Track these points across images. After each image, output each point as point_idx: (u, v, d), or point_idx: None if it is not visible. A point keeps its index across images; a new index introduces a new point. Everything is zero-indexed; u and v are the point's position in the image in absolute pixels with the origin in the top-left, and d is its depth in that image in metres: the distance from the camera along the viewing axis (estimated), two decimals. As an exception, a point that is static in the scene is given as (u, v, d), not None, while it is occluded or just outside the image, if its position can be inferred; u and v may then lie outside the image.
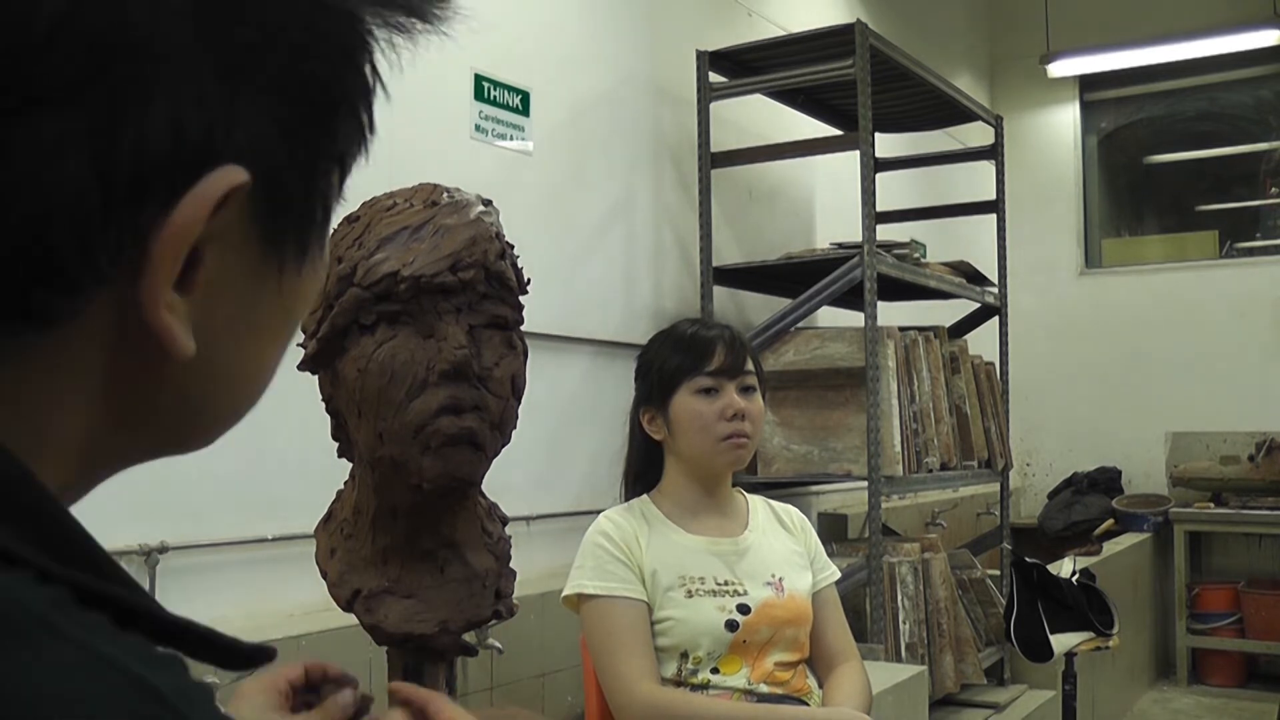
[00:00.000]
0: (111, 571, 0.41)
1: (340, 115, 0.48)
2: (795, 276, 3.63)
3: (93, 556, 0.41)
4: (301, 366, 1.04)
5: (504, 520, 1.13)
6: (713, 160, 3.56)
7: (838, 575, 2.11)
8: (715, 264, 3.55)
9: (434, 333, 1.01)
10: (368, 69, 0.49)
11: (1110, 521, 5.82)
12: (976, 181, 4.83)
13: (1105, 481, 6.16)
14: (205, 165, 0.42)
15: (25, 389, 0.42)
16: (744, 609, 1.91)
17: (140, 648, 0.39)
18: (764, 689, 1.90)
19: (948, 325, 3.99)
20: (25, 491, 0.40)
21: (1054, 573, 3.46)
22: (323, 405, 1.12)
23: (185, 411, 0.49)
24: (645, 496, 2.03)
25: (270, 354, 0.52)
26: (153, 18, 0.40)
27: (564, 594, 1.95)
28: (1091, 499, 6.04)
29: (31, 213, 0.39)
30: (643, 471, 2.07)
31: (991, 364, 4.11)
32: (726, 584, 1.93)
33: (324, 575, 1.15)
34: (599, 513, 2.02)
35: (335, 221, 1.01)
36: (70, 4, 0.38)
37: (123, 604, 0.40)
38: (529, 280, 1.05)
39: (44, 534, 0.40)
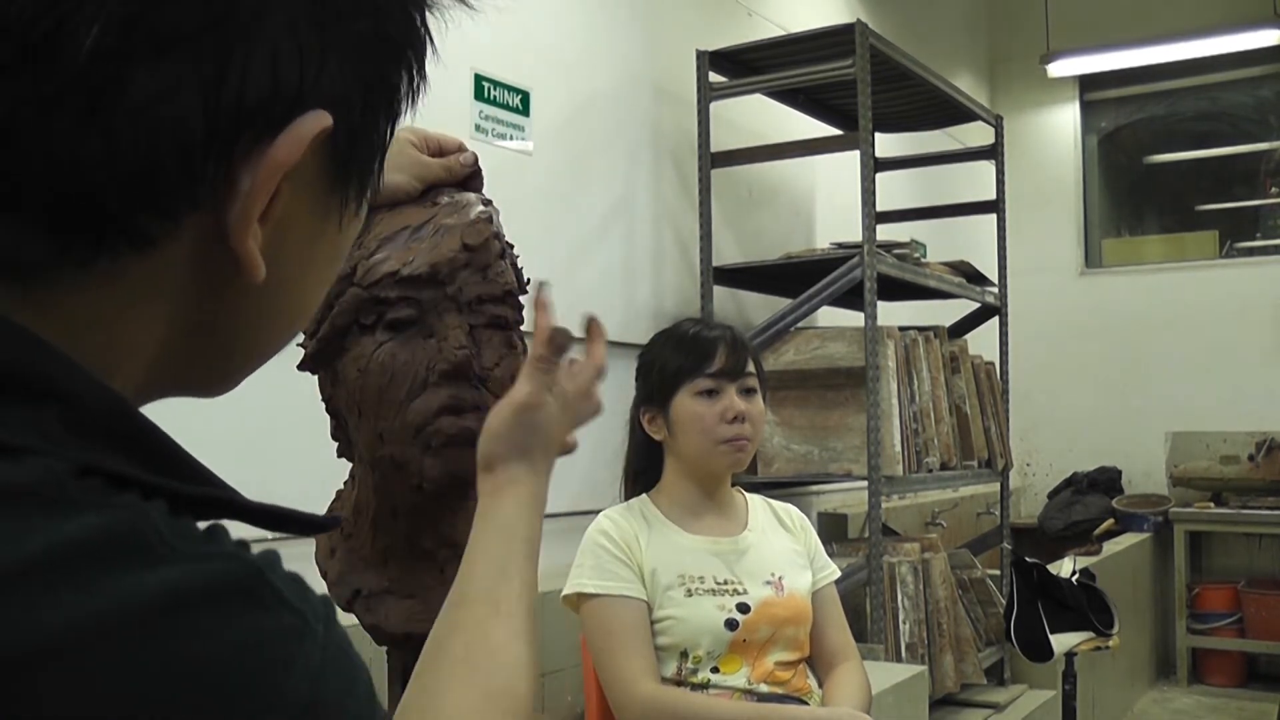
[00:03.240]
0: (194, 473, 0.47)
1: (403, 72, 0.53)
2: (795, 276, 3.63)
3: (179, 464, 0.46)
4: (301, 366, 1.04)
5: (504, 520, 1.13)
6: (713, 160, 3.56)
7: (837, 574, 2.11)
8: (715, 264, 3.55)
9: (434, 333, 1.01)
10: (426, 37, 0.55)
11: (1110, 521, 5.82)
12: (976, 181, 4.83)
13: (1105, 481, 6.15)
14: (296, 108, 0.47)
15: (117, 308, 0.47)
16: (744, 608, 1.91)
17: (222, 537, 0.45)
18: (764, 689, 1.90)
19: (948, 325, 3.99)
20: (124, 417, 0.45)
21: (1054, 573, 3.46)
22: (323, 405, 1.12)
23: (236, 339, 0.53)
24: (645, 496, 2.04)
25: (317, 291, 0.56)
26: None
27: (564, 593, 1.95)
28: (1091, 499, 6.03)
29: (146, 143, 0.44)
30: (642, 471, 2.07)
31: (991, 364, 4.11)
32: (726, 583, 1.93)
33: (324, 575, 1.15)
34: (599, 512, 2.02)
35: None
36: None
37: (212, 501, 0.46)
38: (529, 280, 1.05)
39: (143, 454, 0.45)
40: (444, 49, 0.56)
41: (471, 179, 1.09)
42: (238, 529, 0.47)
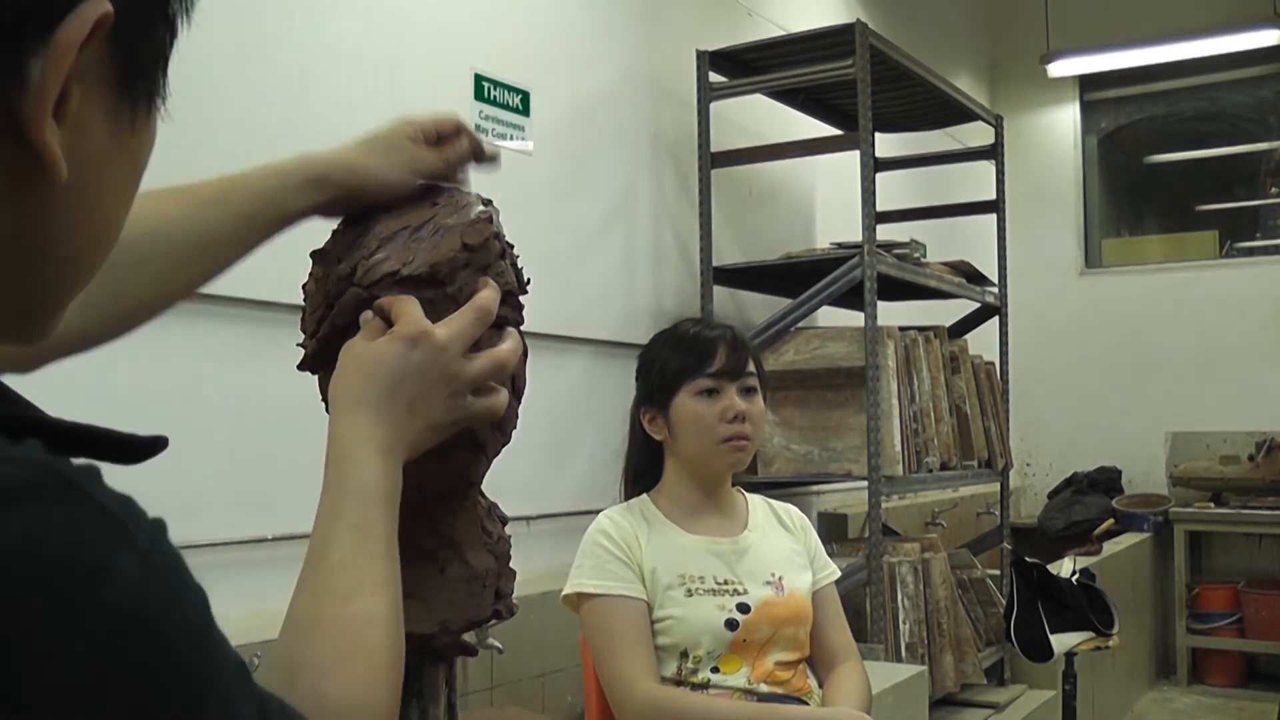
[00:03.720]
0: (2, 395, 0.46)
1: None
2: (795, 276, 3.63)
3: None
4: (301, 366, 1.04)
5: (504, 520, 1.13)
6: (713, 160, 3.56)
7: (838, 574, 2.11)
8: (715, 264, 3.55)
9: (434, 333, 1.01)
10: None
11: (1110, 521, 5.82)
12: (976, 181, 4.83)
13: (1105, 481, 6.15)
14: (74, 4, 0.47)
15: None
16: (744, 608, 1.91)
17: (28, 446, 0.44)
18: (764, 689, 1.90)
19: (948, 325, 3.99)
20: None
21: (1054, 573, 3.46)
22: (322, 405, 1.12)
23: (44, 253, 0.51)
24: (645, 496, 2.04)
25: (121, 201, 0.55)
26: None
27: (564, 593, 1.95)
28: (1091, 499, 6.03)
29: None
30: (642, 471, 2.07)
31: (991, 364, 4.11)
32: (726, 583, 1.93)
33: (324, 575, 1.15)
34: (599, 512, 2.02)
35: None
36: None
37: (18, 421, 0.45)
38: (529, 280, 1.05)
39: None
40: (444, 49, 0.56)
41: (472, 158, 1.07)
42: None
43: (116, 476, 0.51)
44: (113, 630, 0.42)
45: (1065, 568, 3.61)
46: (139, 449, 0.51)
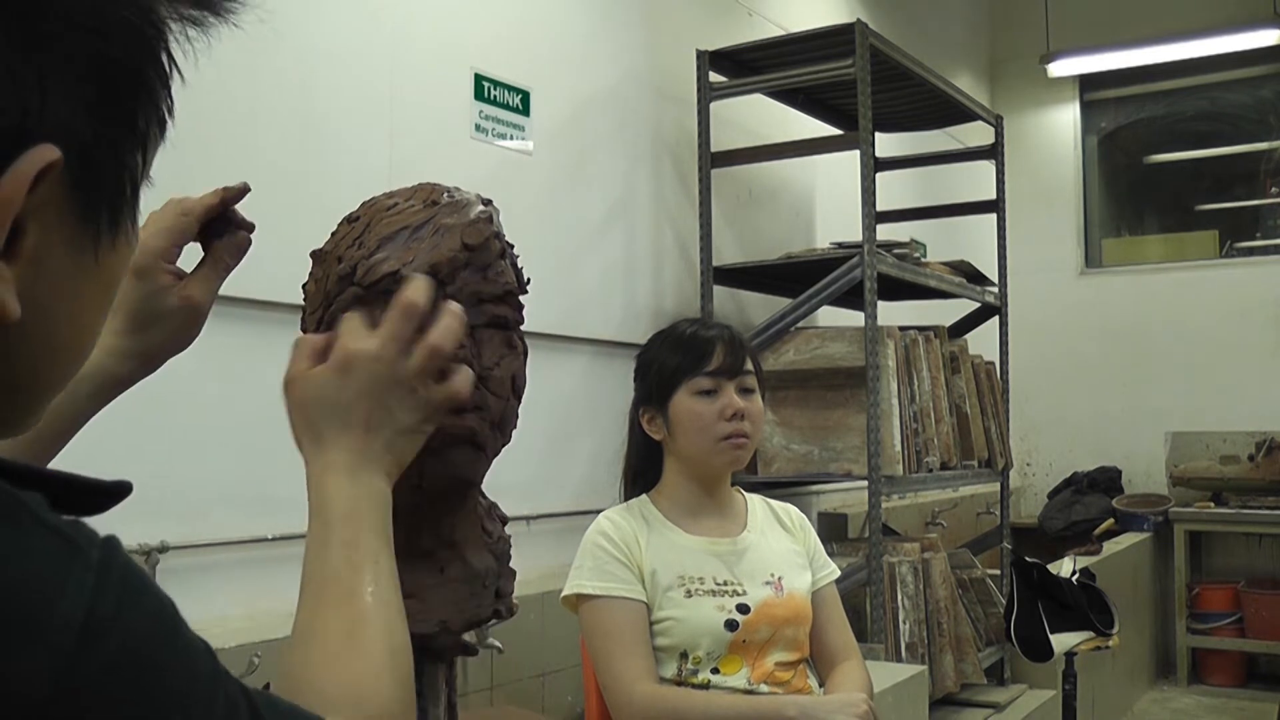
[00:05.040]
0: None
1: (140, 98, 0.52)
2: (795, 276, 3.63)
3: None
4: (301, 366, 1.04)
5: (504, 520, 1.13)
6: (713, 160, 3.56)
7: (837, 574, 2.11)
8: (715, 264, 3.55)
9: (434, 332, 1.01)
10: (164, 56, 0.53)
11: (1110, 521, 5.82)
12: (976, 181, 4.83)
13: (1105, 481, 6.15)
14: (22, 144, 0.46)
15: None
16: (743, 609, 1.91)
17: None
18: (764, 689, 1.90)
19: (948, 325, 3.99)
20: None
21: (1054, 572, 3.46)
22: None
23: (17, 378, 0.52)
24: (644, 496, 2.04)
25: (91, 322, 0.55)
26: None
27: (563, 594, 1.95)
28: (1091, 499, 6.04)
29: None
30: (642, 471, 2.07)
31: (991, 364, 4.11)
32: (726, 584, 1.93)
33: (324, 575, 1.15)
34: (599, 512, 2.02)
35: (320, 224, 1.01)
36: None
37: None
38: (529, 280, 1.05)
39: None
40: (444, 49, 0.55)
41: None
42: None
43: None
44: (75, 642, 0.43)
45: (1065, 568, 3.60)
46: (103, 495, 0.51)
